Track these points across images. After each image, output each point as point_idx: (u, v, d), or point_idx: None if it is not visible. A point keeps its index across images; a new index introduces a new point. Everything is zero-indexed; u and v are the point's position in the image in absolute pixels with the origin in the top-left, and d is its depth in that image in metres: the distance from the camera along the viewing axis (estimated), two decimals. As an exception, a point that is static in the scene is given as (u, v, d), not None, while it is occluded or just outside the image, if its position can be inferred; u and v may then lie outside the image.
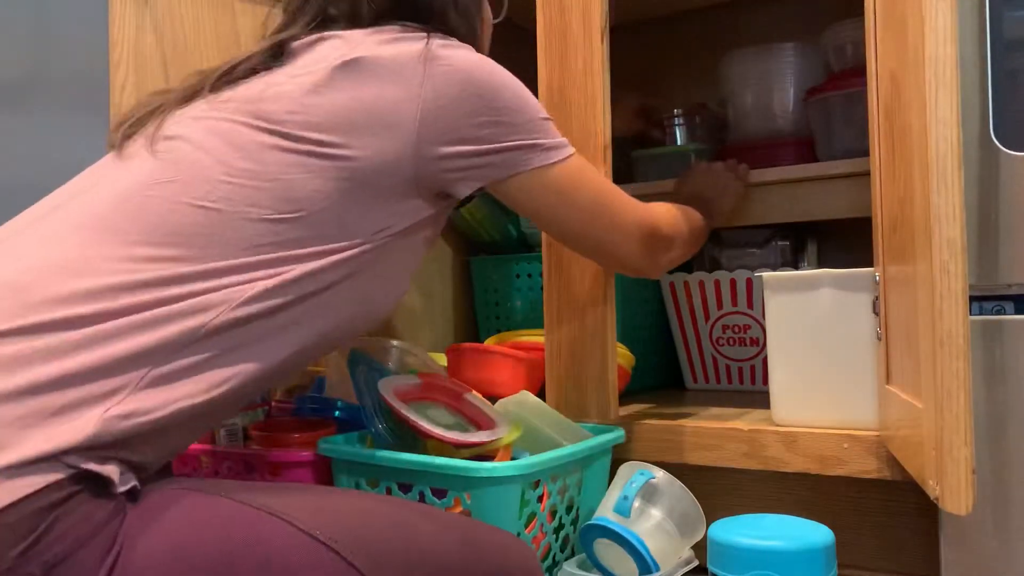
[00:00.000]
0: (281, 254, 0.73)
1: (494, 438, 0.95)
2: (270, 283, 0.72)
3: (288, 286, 0.74)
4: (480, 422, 0.99)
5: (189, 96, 0.81)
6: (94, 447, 0.63)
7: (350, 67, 0.78)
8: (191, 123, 0.77)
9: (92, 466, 0.62)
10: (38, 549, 0.58)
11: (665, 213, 0.99)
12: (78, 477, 0.61)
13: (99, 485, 0.63)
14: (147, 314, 0.67)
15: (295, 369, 0.81)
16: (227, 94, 0.79)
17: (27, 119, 1.65)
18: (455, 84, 0.79)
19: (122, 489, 0.64)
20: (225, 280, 0.71)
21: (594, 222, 0.90)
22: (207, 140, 0.75)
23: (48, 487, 0.59)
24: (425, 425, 0.92)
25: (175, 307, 0.68)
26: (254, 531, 0.65)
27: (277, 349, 0.75)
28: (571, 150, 0.87)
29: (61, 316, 0.64)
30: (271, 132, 0.75)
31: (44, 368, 0.63)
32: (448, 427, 0.95)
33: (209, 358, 0.70)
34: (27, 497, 0.58)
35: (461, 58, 0.80)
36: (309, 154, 0.75)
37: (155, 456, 0.70)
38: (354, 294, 0.79)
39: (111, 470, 0.63)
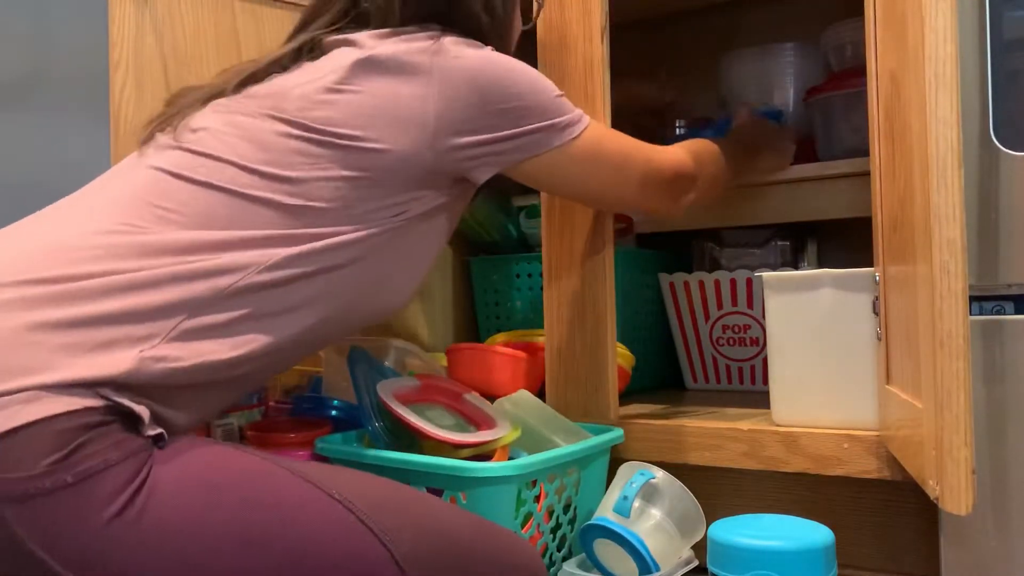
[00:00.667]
0: (301, 231, 0.77)
1: (492, 438, 0.94)
2: (292, 251, 0.76)
3: (308, 257, 0.78)
4: (480, 422, 0.99)
5: (213, 94, 0.85)
6: (129, 385, 0.67)
7: (364, 65, 0.81)
8: (213, 116, 0.82)
9: (126, 401, 0.66)
10: (70, 461, 0.61)
11: (687, 153, 1.00)
12: (113, 409, 0.66)
13: (131, 421, 0.67)
14: (180, 268, 0.72)
15: (313, 347, 0.85)
16: (249, 91, 0.84)
17: (27, 119, 1.65)
18: (466, 77, 0.81)
19: (151, 432, 0.67)
20: (250, 251, 0.75)
21: (621, 183, 0.93)
22: (229, 132, 0.80)
23: (86, 409, 0.64)
24: (424, 426, 0.92)
25: (205, 265, 0.73)
26: (275, 480, 0.69)
27: (298, 319, 0.79)
28: (587, 121, 0.89)
29: (103, 268, 0.70)
30: (288, 123, 0.79)
31: (88, 306, 0.68)
32: (447, 428, 0.95)
33: (234, 319, 0.74)
34: (66, 413, 0.63)
35: (471, 54, 0.83)
36: (326, 144, 0.79)
37: (182, 414, 0.74)
38: (371, 274, 0.83)
39: (143, 410, 0.67)
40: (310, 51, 0.88)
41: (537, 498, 0.94)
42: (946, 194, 0.67)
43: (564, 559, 1.00)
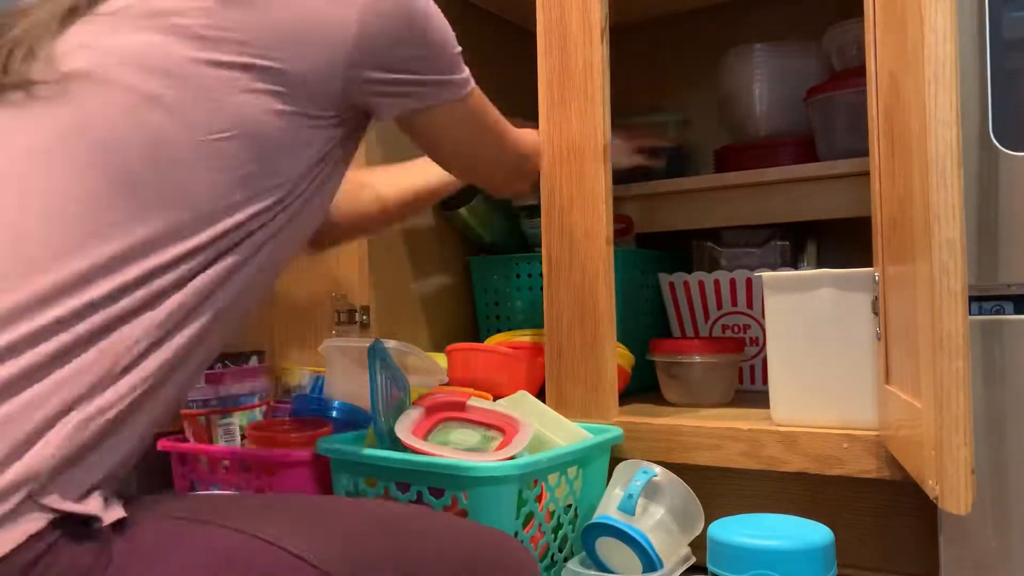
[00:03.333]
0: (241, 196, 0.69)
1: (527, 438, 0.94)
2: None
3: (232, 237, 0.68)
4: (499, 425, 0.98)
5: (63, 18, 0.69)
6: (66, 467, 0.58)
7: None
8: (83, 52, 0.66)
9: (74, 507, 0.57)
10: None
11: (531, 140, 1.10)
12: (59, 521, 0.56)
13: (82, 524, 0.58)
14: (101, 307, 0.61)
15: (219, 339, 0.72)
16: (113, 5, 0.69)
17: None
18: (394, 12, 0.75)
19: (108, 522, 0.59)
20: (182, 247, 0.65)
21: (486, 147, 0.96)
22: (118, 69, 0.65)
23: (29, 540, 0.54)
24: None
25: (119, 305, 0.61)
26: (250, 565, 0.61)
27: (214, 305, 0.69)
28: (473, 83, 0.88)
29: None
30: (194, 39, 0.66)
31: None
32: (476, 445, 0.95)
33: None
34: (8, 556, 0.53)
35: None
36: (242, 68, 0.68)
37: (125, 454, 0.65)
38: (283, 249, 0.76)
39: (94, 505, 0.59)
40: None
41: (538, 498, 0.94)
42: (945, 194, 0.67)
43: (565, 559, 1.00)
